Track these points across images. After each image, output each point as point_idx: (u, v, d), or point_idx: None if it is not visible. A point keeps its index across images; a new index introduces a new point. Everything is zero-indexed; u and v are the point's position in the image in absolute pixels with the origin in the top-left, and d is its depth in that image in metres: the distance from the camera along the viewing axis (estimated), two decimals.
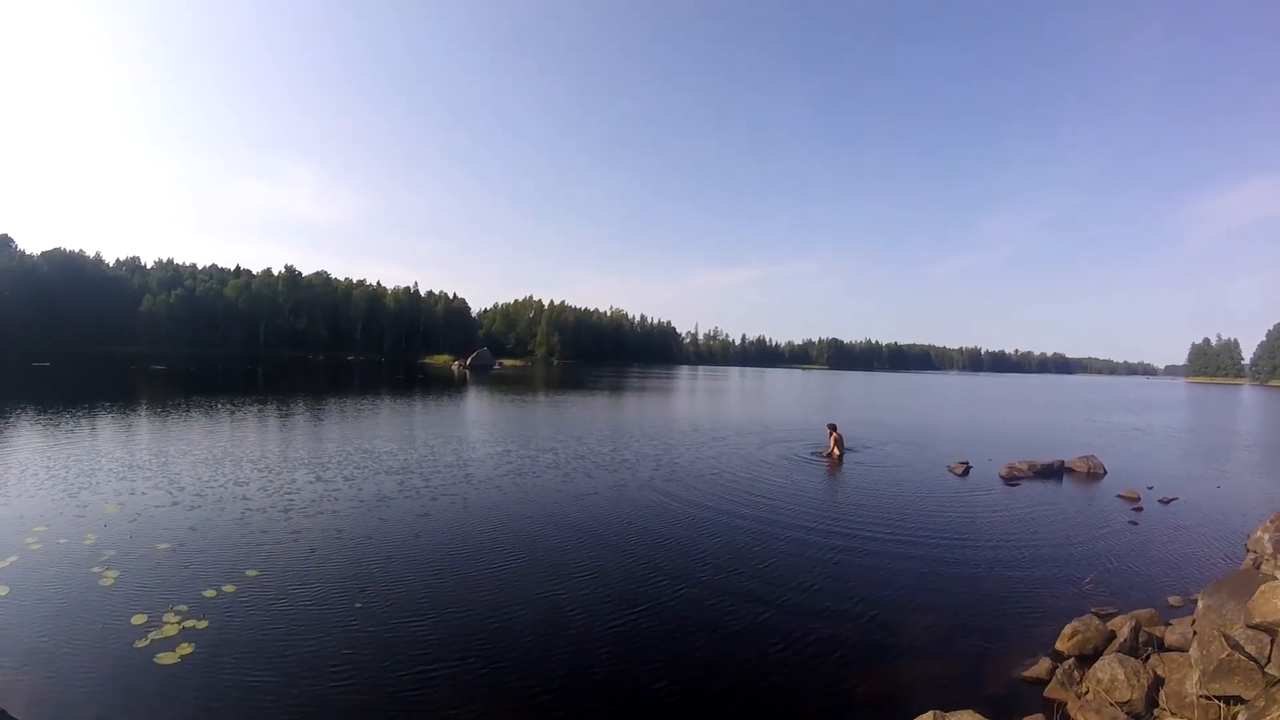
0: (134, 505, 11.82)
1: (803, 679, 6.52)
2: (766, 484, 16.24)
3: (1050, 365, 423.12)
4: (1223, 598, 6.44)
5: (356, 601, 7.95)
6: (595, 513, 12.81)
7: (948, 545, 11.45)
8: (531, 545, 10.56)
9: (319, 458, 17.28)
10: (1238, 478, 20.34)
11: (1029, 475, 18.71)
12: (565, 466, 17.48)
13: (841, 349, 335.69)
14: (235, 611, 7.49)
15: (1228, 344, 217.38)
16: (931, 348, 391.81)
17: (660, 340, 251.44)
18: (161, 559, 9.12)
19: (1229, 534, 12.77)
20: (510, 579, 9.02)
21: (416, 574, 9.05)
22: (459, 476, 15.57)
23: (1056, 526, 13.08)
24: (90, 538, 9.81)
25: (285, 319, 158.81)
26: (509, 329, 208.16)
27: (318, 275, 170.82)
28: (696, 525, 12.19)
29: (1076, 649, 6.98)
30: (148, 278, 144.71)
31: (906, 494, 15.72)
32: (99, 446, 17.58)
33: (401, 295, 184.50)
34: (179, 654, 6.36)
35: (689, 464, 18.63)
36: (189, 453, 17.17)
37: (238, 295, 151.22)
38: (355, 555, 9.68)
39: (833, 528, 12.32)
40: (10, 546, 9.25)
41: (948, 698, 5.84)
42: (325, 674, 6.17)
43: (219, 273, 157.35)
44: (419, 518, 11.87)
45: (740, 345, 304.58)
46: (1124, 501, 15.60)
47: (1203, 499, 16.23)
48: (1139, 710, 5.63)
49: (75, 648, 6.43)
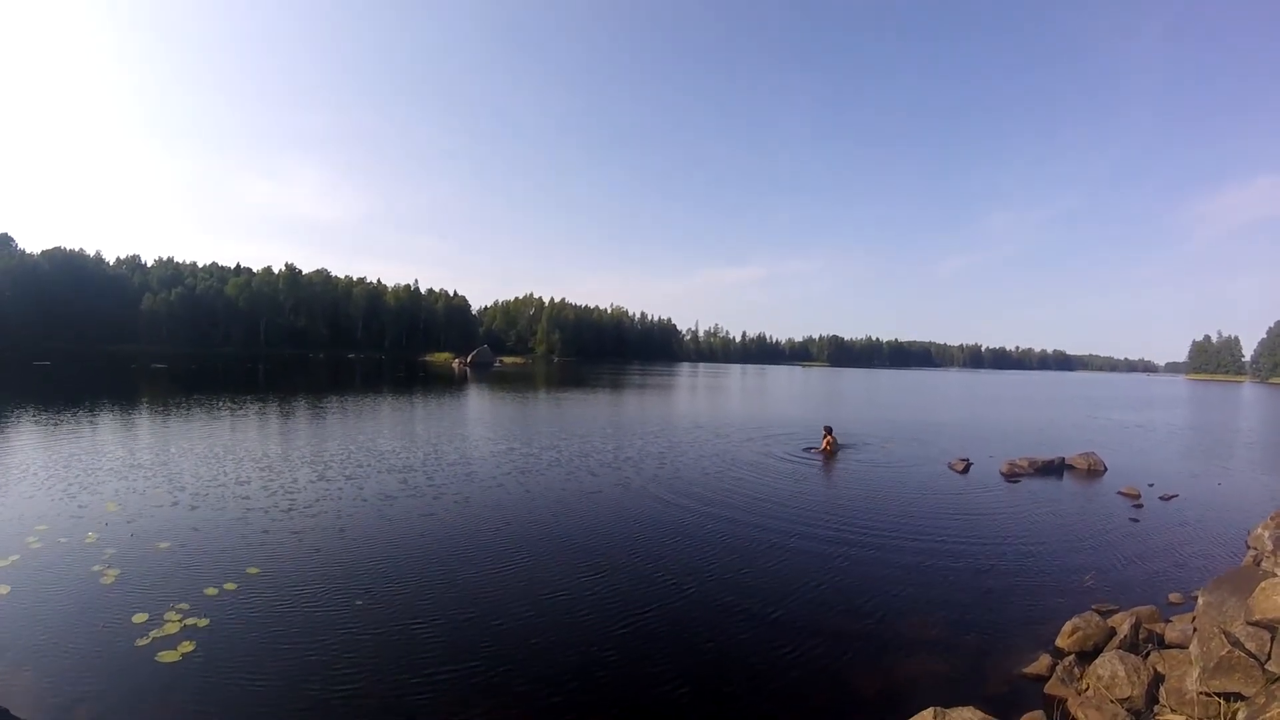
0: (134, 504, 11.83)
1: (804, 675, 6.53)
2: (768, 482, 16.25)
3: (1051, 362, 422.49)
4: (1223, 595, 6.44)
5: (357, 599, 7.97)
6: (598, 511, 12.83)
7: (948, 542, 11.46)
8: (534, 544, 10.57)
9: (320, 456, 17.29)
10: (1238, 475, 20.33)
11: (1029, 472, 18.71)
12: (568, 464, 17.49)
13: (842, 346, 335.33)
14: (236, 609, 7.50)
15: (1228, 341, 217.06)
16: (932, 345, 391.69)
17: (661, 337, 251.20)
18: (162, 557, 9.13)
19: (1229, 531, 12.77)
20: (513, 578, 9.03)
21: (418, 572, 9.06)
22: (461, 475, 15.59)
23: (1057, 523, 13.09)
24: (91, 536, 9.82)
25: (286, 317, 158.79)
26: (509, 326, 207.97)
27: (318, 273, 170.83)
28: (698, 523, 12.20)
29: (1077, 646, 6.99)
30: (148, 276, 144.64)
31: (907, 491, 15.73)
32: (99, 445, 17.60)
33: (402, 293, 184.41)
34: (180, 652, 6.37)
35: (690, 462, 18.64)
36: (190, 451, 17.19)
37: (238, 294, 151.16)
38: (357, 553, 9.70)
39: (834, 525, 12.33)
40: (11, 545, 9.27)
41: (949, 694, 5.85)
42: (326, 672, 6.18)
43: (219, 271, 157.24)
44: (421, 516, 11.88)
45: (741, 342, 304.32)
46: (1124, 498, 15.59)
47: (1203, 496, 16.22)
48: (1139, 707, 5.63)
49: (76, 646, 6.45)
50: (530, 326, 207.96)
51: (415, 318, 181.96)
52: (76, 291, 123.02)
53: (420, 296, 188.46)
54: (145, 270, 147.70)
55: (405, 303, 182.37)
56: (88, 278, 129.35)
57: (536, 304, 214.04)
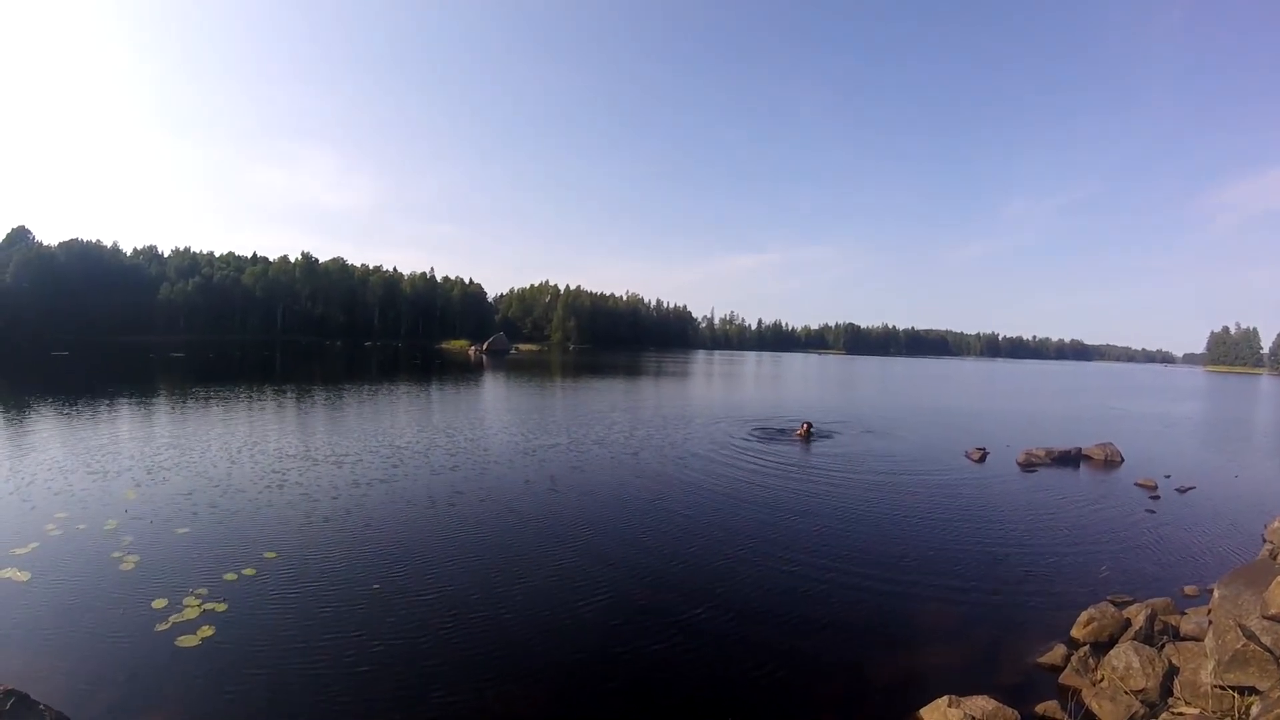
0: (153, 491, 11.98)
1: (819, 663, 6.56)
2: (785, 470, 16.23)
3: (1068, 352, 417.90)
4: (1239, 588, 6.40)
5: (375, 584, 8.05)
6: (617, 502, 12.84)
7: (964, 531, 11.45)
8: (554, 531, 10.64)
9: (337, 442, 17.43)
10: (1256, 468, 20.14)
11: (1046, 462, 18.61)
12: (585, 452, 17.54)
13: (858, 334, 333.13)
14: (255, 594, 7.60)
15: (1247, 333, 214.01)
16: (949, 333, 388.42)
17: (676, 325, 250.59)
18: (181, 543, 9.25)
19: (1246, 524, 12.65)
20: (531, 565, 9.08)
21: (436, 558, 9.14)
22: (479, 462, 15.66)
23: (1073, 514, 13.02)
24: (110, 523, 9.96)
25: (303, 305, 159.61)
26: (525, 314, 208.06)
27: (334, 262, 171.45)
28: (715, 510, 12.23)
29: (1092, 636, 6.97)
30: (165, 266, 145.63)
31: (924, 480, 15.71)
32: (118, 434, 17.82)
33: (418, 281, 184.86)
34: (200, 636, 6.47)
35: (707, 450, 18.61)
36: (208, 438, 17.37)
37: (255, 282, 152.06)
38: (374, 538, 9.80)
39: (850, 513, 12.35)
40: (31, 533, 9.41)
41: (963, 683, 5.85)
42: (344, 656, 6.26)
43: (236, 260, 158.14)
44: (437, 502, 11.96)
45: (756, 330, 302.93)
46: (1141, 490, 15.48)
47: (1220, 488, 16.08)
48: (1153, 699, 5.61)
49: (96, 632, 6.55)
50: (546, 314, 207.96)
51: (431, 305, 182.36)
52: (94, 282, 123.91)
53: (436, 284, 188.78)
54: (162, 260, 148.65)
55: (421, 290, 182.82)
56: (105, 268, 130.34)
57: (552, 291, 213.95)
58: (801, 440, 21.05)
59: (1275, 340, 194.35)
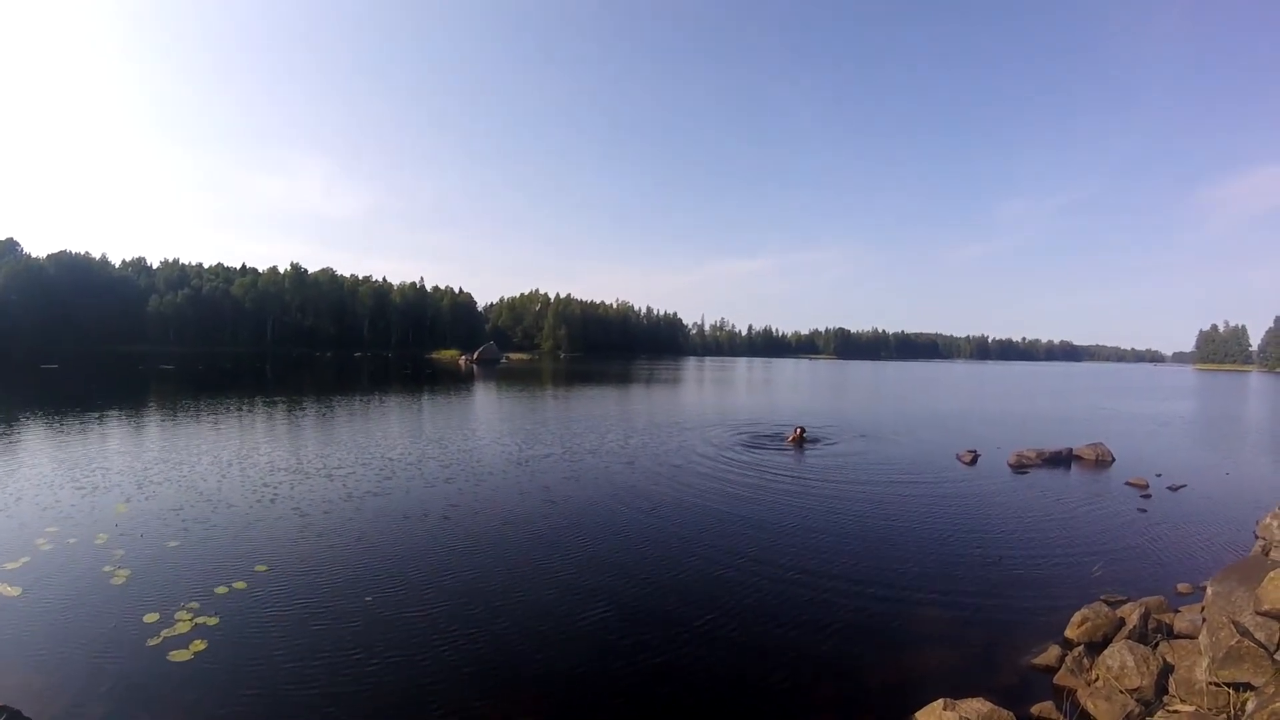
0: (144, 504, 11.89)
1: (814, 667, 6.55)
2: (777, 474, 16.26)
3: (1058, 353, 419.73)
4: (1232, 585, 6.42)
5: (367, 596, 8.00)
6: (612, 512, 12.81)
7: (957, 533, 11.48)
8: (546, 540, 10.61)
9: (329, 455, 17.35)
10: (1247, 465, 20.28)
11: (1037, 463, 18.69)
12: (576, 461, 17.53)
13: (848, 339, 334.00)
14: (247, 607, 7.55)
15: (1236, 330, 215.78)
16: (939, 336, 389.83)
17: (667, 332, 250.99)
18: (173, 557, 9.18)
19: (1238, 521, 12.73)
20: (524, 574, 9.06)
21: (428, 569, 9.10)
22: (469, 472, 15.63)
23: (1065, 514, 13.07)
24: (101, 537, 9.87)
25: (292, 316, 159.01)
26: (516, 323, 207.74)
27: (324, 272, 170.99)
28: (709, 518, 12.23)
29: (1086, 636, 6.99)
30: (154, 278, 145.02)
31: (915, 482, 15.75)
32: (108, 446, 17.69)
33: (408, 290, 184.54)
34: (192, 650, 6.42)
35: (701, 457, 18.62)
36: (198, 451, 17.26)
37: (244, 294, 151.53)
38: (366, 550, 9.74)
39: (842, 517, 12.36)
40: (22, 547, 9.32)
41: (958, 685, 5.86)
42: (337, 668, 6.22)
43: (225, 271, 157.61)
44: (429, 514, 11.92)
45: (747, 336, 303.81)
46: (1132, 489, 15.55)
47: (1212, 486, 16.18)
48: (1149, 697, 5.62)
49: (88, 646, 6.49)
50: (537, 323, 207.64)
51: (421, 315, 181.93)
52: (83, 294, 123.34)
53: (426, 294, 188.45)
54: (151, 272, 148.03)
55: (411, 300, 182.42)
56: (94, 280, 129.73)
57: (543, 300, 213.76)
58: (794, 445, 21.05)
59: (1264, 337, 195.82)
